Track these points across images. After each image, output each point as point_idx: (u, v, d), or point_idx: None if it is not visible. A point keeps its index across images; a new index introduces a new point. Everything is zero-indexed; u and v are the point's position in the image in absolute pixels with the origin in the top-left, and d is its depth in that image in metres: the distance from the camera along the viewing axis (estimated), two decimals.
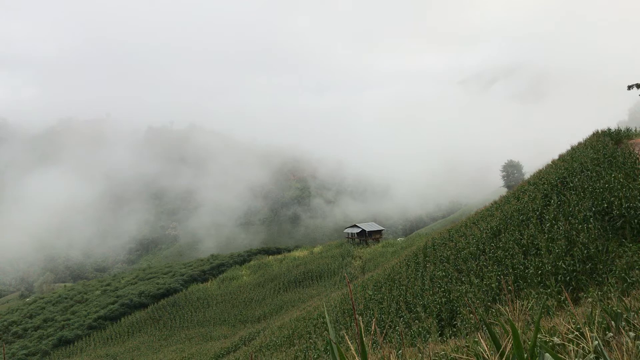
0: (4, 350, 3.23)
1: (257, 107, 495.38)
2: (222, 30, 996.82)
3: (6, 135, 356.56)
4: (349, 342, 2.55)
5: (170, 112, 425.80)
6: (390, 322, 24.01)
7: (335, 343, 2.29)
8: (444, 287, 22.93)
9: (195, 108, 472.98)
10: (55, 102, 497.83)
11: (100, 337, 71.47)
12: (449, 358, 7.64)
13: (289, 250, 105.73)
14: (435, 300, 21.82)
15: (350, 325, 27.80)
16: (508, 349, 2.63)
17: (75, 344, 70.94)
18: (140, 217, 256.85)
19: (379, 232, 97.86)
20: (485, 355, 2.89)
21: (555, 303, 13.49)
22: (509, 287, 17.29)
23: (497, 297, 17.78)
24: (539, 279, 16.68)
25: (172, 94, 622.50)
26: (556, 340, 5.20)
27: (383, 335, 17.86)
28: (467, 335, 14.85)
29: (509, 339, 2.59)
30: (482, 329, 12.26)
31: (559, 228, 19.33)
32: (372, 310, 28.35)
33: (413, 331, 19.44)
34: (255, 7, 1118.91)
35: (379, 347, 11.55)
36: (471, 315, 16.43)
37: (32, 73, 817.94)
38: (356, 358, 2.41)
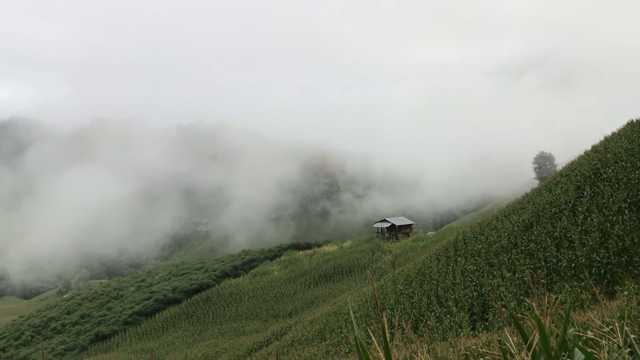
0: (42, 348, 3.35)
1: (284, 103, 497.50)
2: (249, 27, 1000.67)
3: (41, 135, 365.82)
4: (373, 337, 2.61)
5: (199, 110, 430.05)
6: (421, 316, 23.96)
7: (358, 338, 2.37)
8: (475, 281, 22.78)
9: (223, 106, 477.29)
10: (88, 103, 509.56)
11: (135, 333, 72.86)
12: (480, 353, 7.63)
13: (319, 245, 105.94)
14: (467, 295, 21.69)
15: (386, 325, 27.78)
16: (535, 342, 2.66)
17: (112, 339, 72.50)
18: (172, 214, 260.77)
19: (409, 226, 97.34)
20: (513, 350, 2.93)
21: (590, 296, 13.31)
22: (542, 281, 17.09)
23: (529, 291, 17.60)
24: (573, 272, 16.46)
25: (201, 92, 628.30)
26: (589, 334, 5.18)
27: (413, 329, 17.86)
28: (499, 329, 14.75)
29: (536, 332, 2.63)
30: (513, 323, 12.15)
31: (592, 220, 19.00)
32: (403, 304, 28.31)
33: (444, 325, 19.38)
34: (281, 3, 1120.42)
35: (409, 341, 11.59)
36: (504, 309, 16.30)
37: (65, 75, 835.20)
38: (380, 352, 2.48)
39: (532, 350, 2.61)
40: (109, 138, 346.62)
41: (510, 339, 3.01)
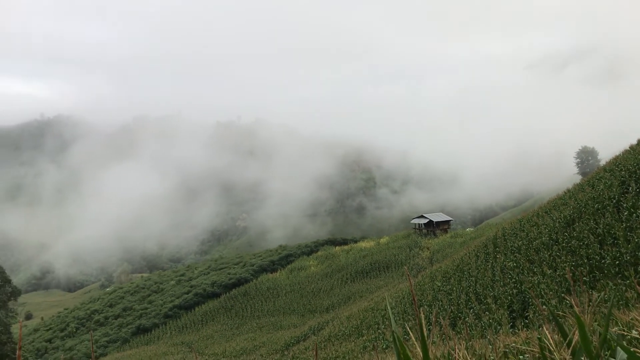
0: (92, 338, 3.52)
1: (320, 98, 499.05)
2: (286, 24, 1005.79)
3: (85, 132, 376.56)
4: (410, 333, 2.63)
5: (237, 107, 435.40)
6: (459, 313, 23.75)
7: (395, 333, 2.39)
8: (515, 278, 22.43)
9: (261, 102, 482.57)
10: (129, 101, 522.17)
11: (175, 326, 74.29)
12: (520, 350, 7.55)
13: (356, 241, 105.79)
14: (506, 292, 21.39)
15: (423, 321, 27.65)
16: (575, 340, 2.65)
17: (153, 332, 74.12)
18: (211, 209, 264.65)
19: (447, 222, 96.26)
20: (551, 347, 2.91)
21: (635, 295, 12.96)
22: (584, 278, 16.72)
23: (571, 289, 17.25)
24: (617, 269, 16.04)
25: (239, 89, 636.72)
26: (634, 333, 5.09)
27: (452, 326, 17.72)
28: (539, 327, 14.52)
29: (576, 330, 2.61)
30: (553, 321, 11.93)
31: (638, 217, 18.46)
32: (441, 301, 28.10)
33: (483, 323, 19.17)
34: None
35: (447, 338, 11.51)
36: (544, 306, 16.03)
37: (108, 73, 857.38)
38: (417, 347, 2.50)
39: (571, 348, 2.59)
40: (150, 134, 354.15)
41: (549, 337, 2.99)
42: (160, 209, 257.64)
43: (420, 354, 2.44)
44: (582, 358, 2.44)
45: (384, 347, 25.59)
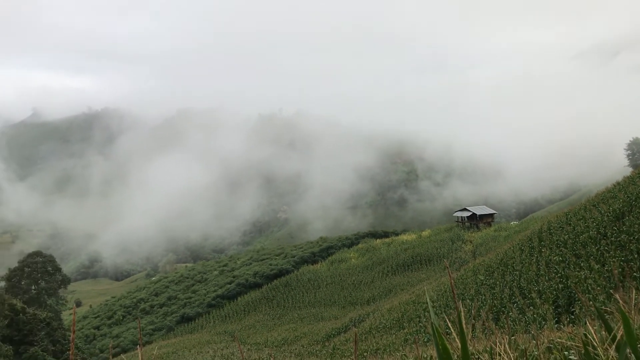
0: (139, 324, 3.66)
1: (361, 90, 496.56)
2: (327, 15, 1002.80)
3: (131, 125, 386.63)
4: (451, 327, 2.63)
5: (278, 100, 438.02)
6: (502, 308, 23.40)
7: (434, 324, 2.40)
8: (560, 273, 21.95)
9: (301, 95, 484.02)
10: (174, 94, 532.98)
11: (218, 315, 75.59)
12: (565, 346, 7.41)
13: (397, 234, 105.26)
14: (552, 286, 20.96)
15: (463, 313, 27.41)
16: (620, 336, 2.60)
17: (196, 320, 75.63)
18: (253, 200, 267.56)
19: (491, 215, 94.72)
20: (595, 343, 2.87)
21: None
22: (634, 274, 16.22)
23: (619, 284, 16.76)
24: None
25: (280, 82, 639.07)
26: None
27: (494, 321, 17.49)
28: (585, 323, 14.18)
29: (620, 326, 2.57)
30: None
31: None
32: (484, 295, 27.75)
33: (527, 317, 18.85)
34: None
35: (490, 333, 11.38)
36: (590, 302, 15.64)
37: (153, 67, 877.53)
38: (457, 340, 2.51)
39: (615, 344, 2.55)
40: (193, 127, 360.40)
41: (593, 332, 2.95)
42: (203, 200, 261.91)
43: (459, 344, 2.45)
44: (627, 354, 2.40)
45: (425, 340, 25.47)
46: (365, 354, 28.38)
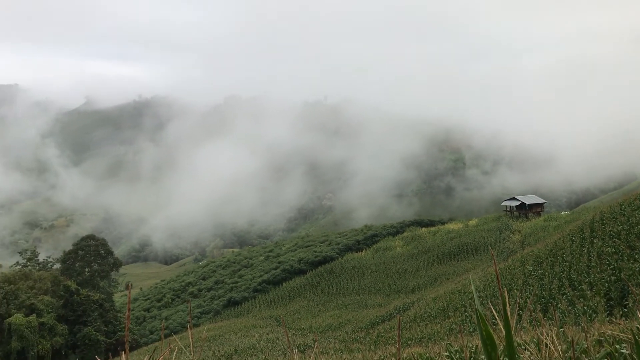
0: (190, 307, 3.79)
1: (407, 77, 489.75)
2: (373, 2, 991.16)
3: (180, 112, 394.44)
4: (496, 316, 2.62)
5: (323, 87, 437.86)
6: (551, 299, 22.91)
7: (478, 310, 2.40)
8: (613, 265, 21.29)
9: (348, 82, 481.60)
10: (221, 81, 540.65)
11: (264, 300, 76.80)
12: (616, 340, 7.22)
13: (443, 223, 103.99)
14: (604, 279, 20.37)
15: (508, 301, 27.03)
16: None
17: (243, 305, 77.10)
18: (298, 187, 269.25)
19: (541, 205, 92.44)
20: None
21: None
22: None
23: None
24: None
25: (325, 69, 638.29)
26: None
27: (543, 312, 17.15)
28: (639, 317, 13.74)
29: None
30: None
31: None
32: (532, 286, 27.23)
33: (577, 310, 18.42)
34: None
35: (538, 324, 11.19)
36: None
37: (201, 56, 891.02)
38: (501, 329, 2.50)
39: None
40: (240, 114, 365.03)
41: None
42: (250, 187, 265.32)
43: (503, 332, 2.44)
44: None
45: (471, 330, 25.23)
46: (409, 342, 28.34)
